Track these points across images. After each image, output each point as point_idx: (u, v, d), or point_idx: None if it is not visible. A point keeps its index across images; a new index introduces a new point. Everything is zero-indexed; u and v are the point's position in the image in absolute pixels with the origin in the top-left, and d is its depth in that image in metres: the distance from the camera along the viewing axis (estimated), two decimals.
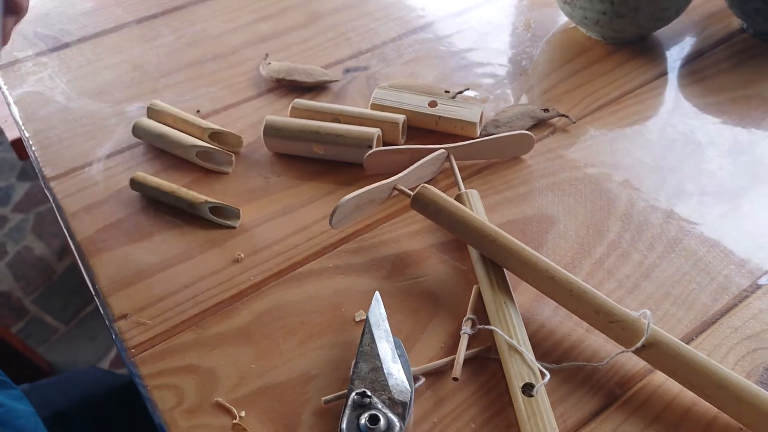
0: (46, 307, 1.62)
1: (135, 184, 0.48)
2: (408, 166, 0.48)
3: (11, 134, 1.11)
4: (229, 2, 0.69)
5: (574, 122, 0.54)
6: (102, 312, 0.42)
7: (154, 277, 0.44)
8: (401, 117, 0.51)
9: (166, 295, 0.43)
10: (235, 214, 0.47)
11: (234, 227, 0.47)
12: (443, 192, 0.43)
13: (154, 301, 0.43)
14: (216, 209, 0.47)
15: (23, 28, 0.66)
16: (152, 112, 0.54)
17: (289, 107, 0.53)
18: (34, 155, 0.53)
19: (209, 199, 0.46)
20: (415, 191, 0.43)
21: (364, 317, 0.41)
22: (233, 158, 0.51)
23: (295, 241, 0.46)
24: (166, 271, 0.44)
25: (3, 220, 1.84)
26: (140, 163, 0.52)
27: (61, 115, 0.56)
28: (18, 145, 1.58)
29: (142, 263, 0.45)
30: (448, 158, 0.49)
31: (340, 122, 0.51)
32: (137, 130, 0.52)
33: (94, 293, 0.43)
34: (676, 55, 0.61)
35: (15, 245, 1.78)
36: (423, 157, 0.48)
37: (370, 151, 0.48)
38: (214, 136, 0.52)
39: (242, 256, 0.45)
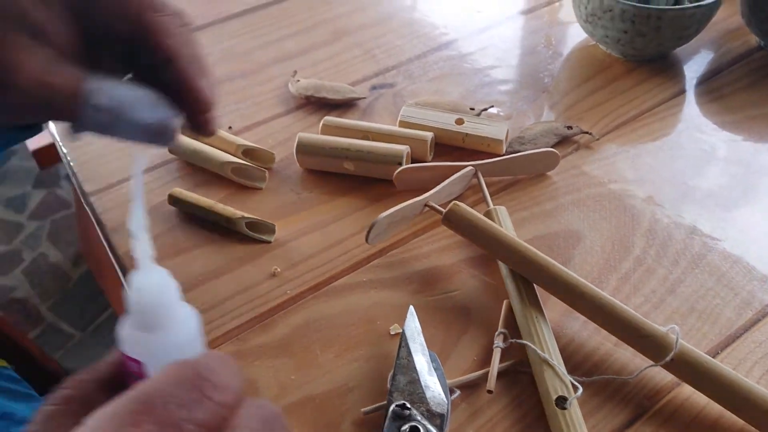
0: (61, 314, 1.64)
1: (173, 199, 0.50)
2: (436, 182, 0.49)
3: (32, 144, 1.14)
4: (256, 19, 0.71)
5: (597, 139, 0.55)
6: None
7: (194, 290, 0.45)
8: (429, 134, 0.53)
9: (205, 309, 0.44)
10: (270, 229, 0.48)
11: (269, 242, 0.48)
12: (472, 208, 0.45)
13: None
14: (251, 224, 0.49)
15: None
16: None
17: (320, 124, 0.55)
18: (72, 171, 0.55)
19: (246, 215, 0.48)
20: (447, 208, 0.45)
21: (399, 331, 0.43)
22: (266, 174, 0.52)
23: (330, 256, 0.47)
24: (205, 284, 0.46)
25: (19, 228, 1.86)
26: (175, 179, 0.53)
27: None
28: (39, 154, 1.59)
29: (182, 277, 0.46)
30: (475, 175, 0.51)
31: (369, 139, 0.53)
32: (173, 147, 0.54)
33: None
34: (694, 73, 0.62)
35: (31, 252, 1.80)
36: (451, 174, 0.50)
37: (400, 168, 0.50)
38: (248, 152, 0.53)
39: (278, 270, 0.46)
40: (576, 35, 0.67)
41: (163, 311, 0.26)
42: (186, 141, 0.54)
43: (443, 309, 0.44)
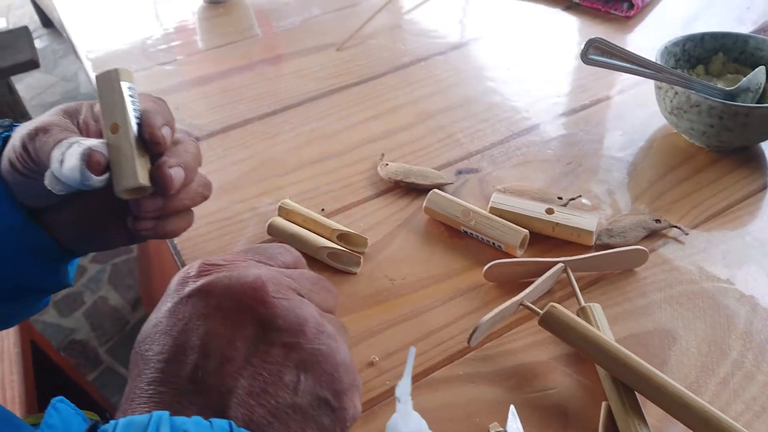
0: (119, 357, 1.68)
1: None
2: (525, 276, 0.50)
3: None
4: (340, 101, 0.75)
5: (687, 234, 0.56)
6: None
7: None
8: (523, 232, 0.54)
9: None
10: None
11: None
12: (561, 302, 0.46)
13: None
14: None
15: None
16: (283, 211, 0.58)
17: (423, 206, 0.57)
18: (175, 249, 0.58)
19: None
20: (544, 311, 0.46)
21: (499, 429, 0.43)
22: (361, 259, 0.54)
23: (425, 346, 0.49)
24: None
25: (82, 270, 1.93)
26: None
27: (198, 210, 0.61)
28: None
29: None
30: (565, 270, 0.51)
31: (470, 216, 0.55)
32: (272, 230, 0.56)
33: None
34: None
35: (92, 295, 1.86)
36: (539, 269, 0.51)
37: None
38: (341, 236, 0.56)
39: (377, 359, 0.48)
40: (658, 121, 0.68)
41: None
42: (283, 224, 0.56)
43: (541, 408, 0.44)
